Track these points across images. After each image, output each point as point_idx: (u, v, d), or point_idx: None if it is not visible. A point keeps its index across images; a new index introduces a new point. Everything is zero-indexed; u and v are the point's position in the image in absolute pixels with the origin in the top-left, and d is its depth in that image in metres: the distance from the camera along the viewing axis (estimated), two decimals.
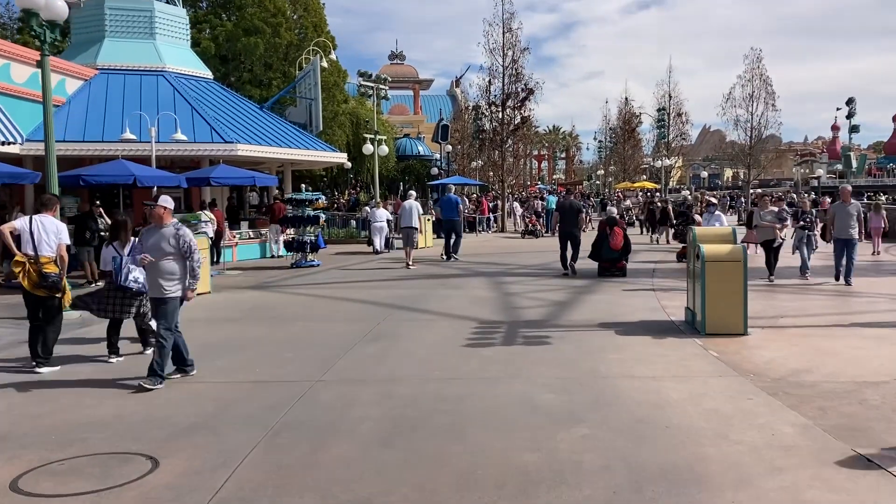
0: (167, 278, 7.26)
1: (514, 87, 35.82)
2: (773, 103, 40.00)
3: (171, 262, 7.28)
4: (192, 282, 7.37)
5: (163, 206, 7.39)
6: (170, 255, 7.25)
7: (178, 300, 7.38)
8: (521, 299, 12.68)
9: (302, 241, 18.83)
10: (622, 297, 12.86)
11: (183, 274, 7.32)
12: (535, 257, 20.71)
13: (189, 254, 7.29)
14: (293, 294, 14.02)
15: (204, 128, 20.30)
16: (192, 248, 7.31)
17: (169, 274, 7.26)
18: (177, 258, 7.30)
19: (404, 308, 11.84)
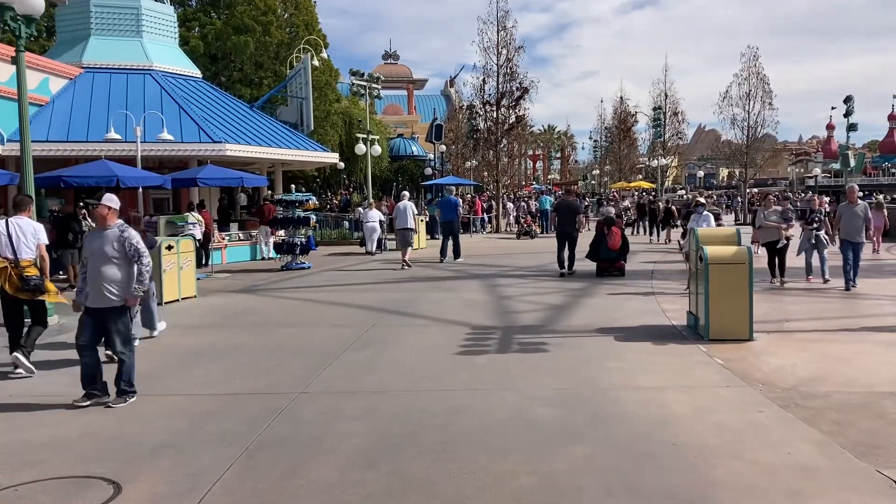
0: (113, 286, 6.60)
1: (509, 86, 35.48)
2: (770, 102, 39.60)
3: (116, 268, 6.61)
4: (137, 287, 6.68)
5: (106, 206, 6.68)
6: (114, 259, 6.60)
7: (127, 309, 6.76)
8: (516, 303, 12.27)
9: (292, 243, 18.39)
10: (621, 300, 12.46)
11: (129, 279, 6.69)
12: (531, 259, 20.32)
13: (136, 257, 6.66)
14: (281, 298, 13.59)
15: (192, 127, 19.85)
16: (140, 252, 6.68)
17: (114, 281, 6.61)
18: (122, 263, 6.65)
19: (395, 312, 11.42)
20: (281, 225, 18.71)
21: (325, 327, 10.39)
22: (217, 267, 19.03)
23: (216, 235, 20.52)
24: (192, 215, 18.58)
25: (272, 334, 9.97)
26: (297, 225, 18.52)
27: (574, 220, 16.14)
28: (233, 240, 21.22)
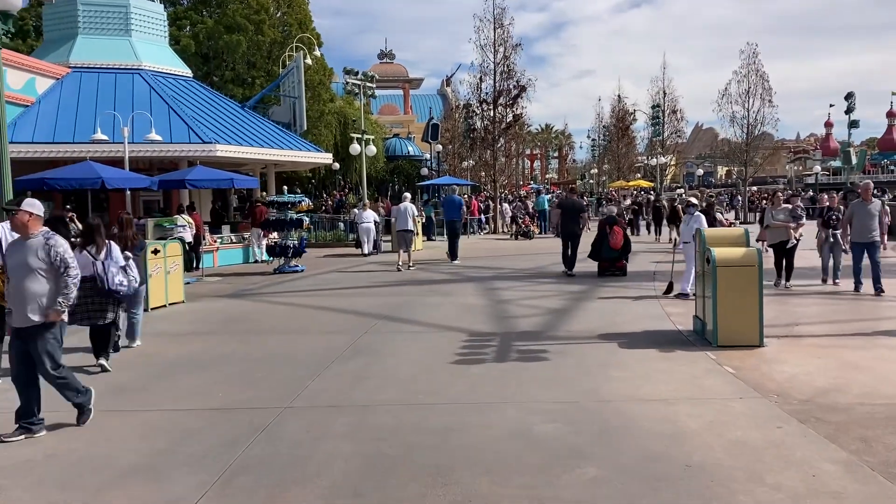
0: (38, 301, 5.80)
1: (506, 84, 35.04)
2: (770, 99, 39.26)
3: (42, 281, 5.83)
4: (61, 301, 5.85)
5: (27, 212, 5.85)
6: (40, 271, 5.83)
7: (59, 327, 5.98)
8: (514, 307, 11.84)
9: (284, 245, 17.96)
10: (623, 303, 12.05)
11: (57, 294, 5.87)
12: (529, 260, 19.91)
13: (64, 269, 5.86)
14: (272, 303, 13.15)
15: (181, 128, 19.41)
16: (68, 262, 5.88)
17: (40, 296, 5.80)
18: (49, 275, 5.86)
19: (389, 318, 10.99)
20: (273, 227, 18.27)
21: (316, 334, 9.96)
22: (208, 270, 18.60)
23: (208, 238, 20.09)
24: (182, 218, 18.16)
25: (260, 342, 9.54)
26: (290, 227, 18.08)
27: (577, 219, 16.15)
28: (225, 242, 20.77)
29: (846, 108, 35.83)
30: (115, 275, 7.91)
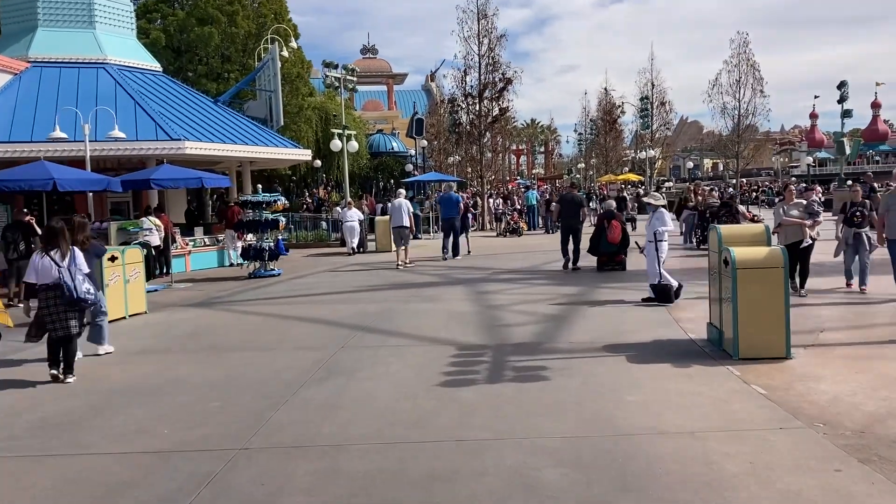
0: None
1: (492, 77, 33.97)
2: (762, 89, 38.48)
3: None
4: None
5: None
6: None
7: None
8: (507, 313, 10.80)
9: (260, 248, 16.84)
10: (625, 307, 11.04)
11: None
12: (520, 259, 18.89)
13: None
14: (242, 312, 12.04)
15: (148, 124, 18.24)
16: None
17: None
18: None
19: (369, 329, 9.92)
20: (247, 228, 17.15)
21: (287, 350, 8.88)
22: (180, 276, 17.47)
23: (179, 241, 18.96)
24: (149, 220, 17.05)
25: (223, 361, 8.45)
26: (265, 228, 16.96)
27: (578, 213, 16.10)
28: (197, 245, 19.63)
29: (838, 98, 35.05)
30: (81, 283, 7.55)
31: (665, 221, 11.49)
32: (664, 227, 11.42)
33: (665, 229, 11.43)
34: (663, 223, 11.43)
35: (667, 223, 11.54)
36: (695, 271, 15.01)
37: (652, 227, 11.43)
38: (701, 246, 20.03)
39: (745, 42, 38.42)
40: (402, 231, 18.05)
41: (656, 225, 11.42)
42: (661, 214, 11.50)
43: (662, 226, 11.40)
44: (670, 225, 11.72)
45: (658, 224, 11.41)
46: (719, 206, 19.30)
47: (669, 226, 11.65)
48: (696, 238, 20.49)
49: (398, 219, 18.18)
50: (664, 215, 11.53)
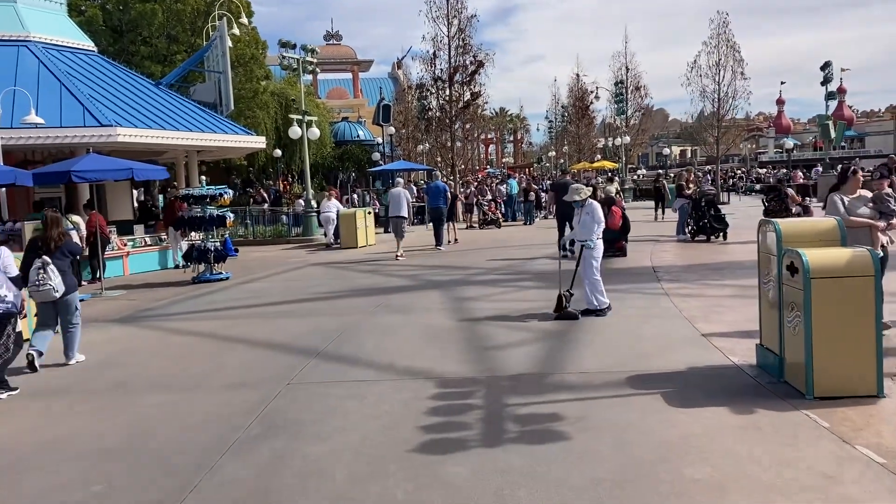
0: None
1: (462, 60, 31.96)
2: (743, 71, 36.82)
3: None
4: None
5: None
6: None
7: None
8: (495, 328, 8.83)
9: (204, 248, 14.68)
10: (637, 316, 9.15)
11: None
12: (501, 255, 16.94)
13: None
14: (171, 331, 9.91)
15: (76, 109, 15.93)
16: None
17: None
18: None
19: (324, 355, 7.90)
20: (189, 226, 14.95)
21: (215, 390, 6.82)
22: (114, 281, 15.26)
23: (115, 241, 16.70)
24: (72, 218, 14.80)
25: (129, 408, 6.38)
26: (210, 226, 14.80)
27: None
28: (137, 245, 17.38)
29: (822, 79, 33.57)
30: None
31: (597, 214, 9.40)
32: (600, 225, 9.40)
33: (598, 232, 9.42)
34: (595, 217, 9.34)
35: (598, 216, 9.43)
36: (698, 269, 13.21)
37: (586, 226, 9.31)
38: (695, 237, 18.32)
39: (724, 22, 36.72)
40: (399, 221, 17.48)
41: (591, 223, 9.32)
42: (593, 207, 9.45)
43: (596, 221, 9.33)
44: (600, 217, 9.53)
45: (588, 218, 9.33)
46: (766, 189, 17.65)
47: (600, 219, 9.51)
48: (689, 229, 18.74)
49: (396, 208, 17.57)
50: (595, 207, 9.46)
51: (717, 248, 16.84)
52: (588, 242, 9.28)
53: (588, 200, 9.48)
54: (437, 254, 18.19)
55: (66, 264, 7.88)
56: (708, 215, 18.12)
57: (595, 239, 9.32)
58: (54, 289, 7.51)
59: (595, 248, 9.31)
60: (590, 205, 9.41)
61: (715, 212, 18.22)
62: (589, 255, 9.28)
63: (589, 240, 9.27)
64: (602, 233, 9.56)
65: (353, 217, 20.91)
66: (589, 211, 9.36)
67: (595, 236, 9.32)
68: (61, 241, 7.84)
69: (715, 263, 13.87)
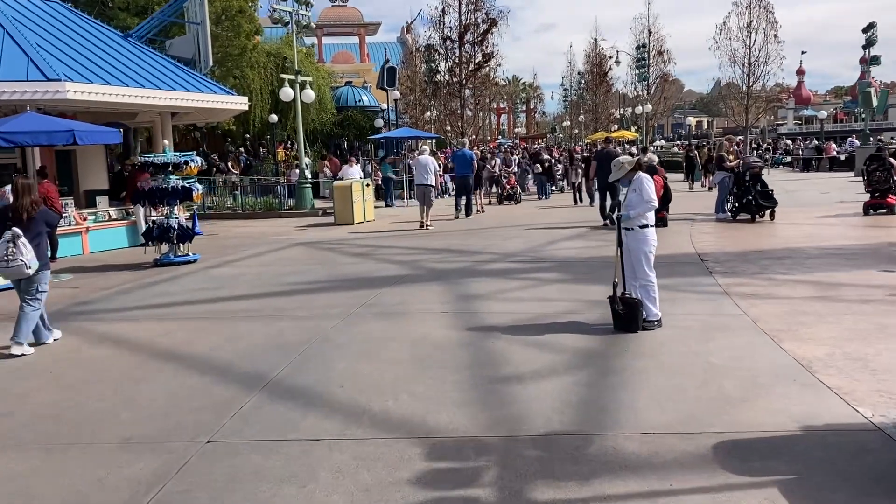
0: None
1: (474, 18, 29.46)
2: (776, 34, 34.14)
3: None
4: None
5: None
6: None
7: None
8: (511, 346, 6.59)
9: (166, 226, 12.48)
10: (696, 326, 6.91)
11: None
12: (519, 237, 14.65)
13: None
14: (94, 338, 7.67)
15: (19, 60, 13.64)
16: None
17: None
18: None
19: (274, 387, 5.69)
20: (149, 199, 12.72)
21: (97, 451, 4.63)
22: (69, 262, 13.17)
23: (72, 215, 14.54)
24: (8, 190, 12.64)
25: None
26: (173, 199, 12.57)
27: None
28: (100, 220, 15.20)
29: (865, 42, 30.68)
30: None
31: (650, 195, 7.08)
32: (651, 204, 7.07)
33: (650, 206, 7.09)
34: (644, 190, 7.04)
35: (651, 197, 7.11)
36: (755, 258, 10.91)
37: (631, 207, 7.03)
38: (737, 216, 15.99)
39: None
40: (426, 190, 16.90)
41: (637, 203, 7.01)
42: (641, 184, 7.12)
43: (647, 203, 7.02)
44: (654, 200, 7.19)
45: (642, 197, 7.01)
46: (869, 159, 15.43)
47: (654, 201, 7.17)
48: (730, 206, 16.39)
49: (422, 177, 17.01)
50: (645, 185, 7.12)
51: (767, 230, 14.51)
52: (634, 227, 6.99)
53: (636, 174, 7.16)
54: (441, 231, 15.95)
55: (40, 237, 7.14)
56: (753, 191, 15.76)
57: (644, 222, 7.02)
58: (26, 265, 6.73)
59: (646, 237, 7.02)
60: (638, 179, 7.08)
61: (762, 187, 15.86)
62: (639, 245, 7.00)
63: (636, 224, 6.98)
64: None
65: (349, 190, 18.65)
66: (637, 186, 7.03)
67: (644, 220, 7.02)
68: (35, 211, 7.10)
69: (772, 251, 11.57)
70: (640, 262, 7.01)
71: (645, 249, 7.01)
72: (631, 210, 6.92)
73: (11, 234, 6.72)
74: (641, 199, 6.94)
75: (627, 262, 7.06)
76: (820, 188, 24.35)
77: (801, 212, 17.07)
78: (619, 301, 6.84)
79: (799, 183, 27.60)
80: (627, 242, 7.04)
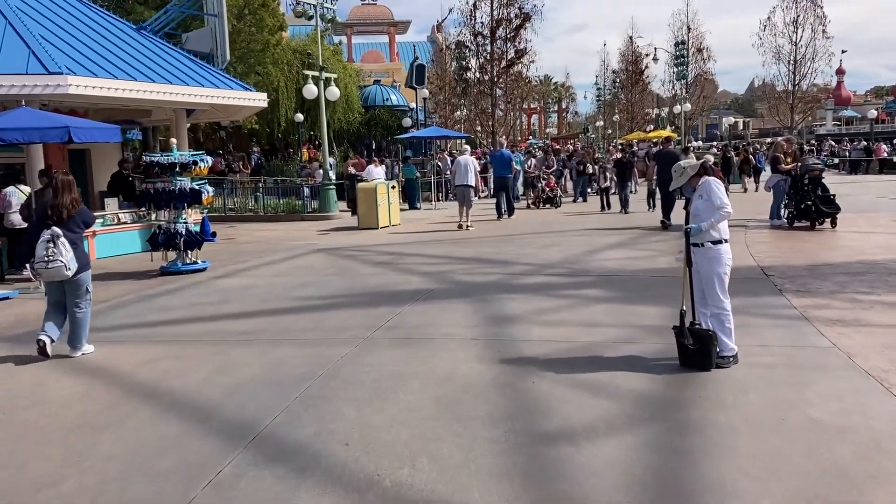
0: None
1: (506, 12, 28.24)
2: (825, 29, 32.42)
3: None
4: None
5: None
6: None
7: None
8: (555, 391, 5.39)
9: (172, 232, 11.49)
10: (781, 364, 5.66)
11: None
12: (556, 245, 13.42)
13: None
14: (66, 368, 6.65)
15: (20, 52, 12.74)
16: None
17: None
18: None
19: (262, 444, 4.58)
20: (154, 202, 11.74)
21: None
22: None
23: None
24: (18, 190, 11.86)
25: None
26: (181, 202, 11.57)
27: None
28: (107, 224, 14.29)
29: None
30: None
31: (722, 199, 5.81)
32: (724, 210, 5.81)
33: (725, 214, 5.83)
34: (715, 195, 5.79)
35: (721, 196, 5.85)
36: (827, 272, 9.57)
37: (698, 217, 5.77)
38: (794, 223, 14.60)
39: None
40: (466, 190, 16.98)
41: (706, 212, 5.77)
42: (710, 190, 5.86)
43: (719, 211, 5.77)
44: (727, 205, 5.91)
45: (709, 208, 5.76)
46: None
47: (727, 206, 5.90)
48: (786, 212, 15.02)
49: (463, 177, 17.13)
50: (715, 191, 5.87)
51: (831, 239, 13.15)
52: (704, 242, 5.77)
53: (702, 178, 5.92)
54: (474, 238, 14.80)
55: (79, 237, 6.86)
56: (813, 196, 14.37)
57: (717, 235, 5.79)
58: (66, 266, 6.48)
59: (720, 254, 5.80)
60: (705, 184, 5.84)
61: (822, 191, 14.46)
62: (710, 264, 5.78)
63: (706, 238, 5.76)
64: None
65: (374, 192, 17.56)
66: (704, 192, 5.80)
67: (716, 232, 5.79)
68: (74, 210, 6.86)
69: (846, 264, 10.22)
70: (713, 286, 5.78)
71: (718, 270, 5.78)
72: (702, 221, 5.69)
73: (51, 234, 6.51)
74: (711, 205, 5.72)
75: (696, 285, 5.84)
76: (874, 192, 22.77)
77: (862, 218, 15.63)
78: (689, 334, 5.61)
79: (850, 186, 25.96)
80: (696, 261, 5.82)
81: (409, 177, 23.16)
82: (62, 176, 7.10)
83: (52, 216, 6.75)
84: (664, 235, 14.31)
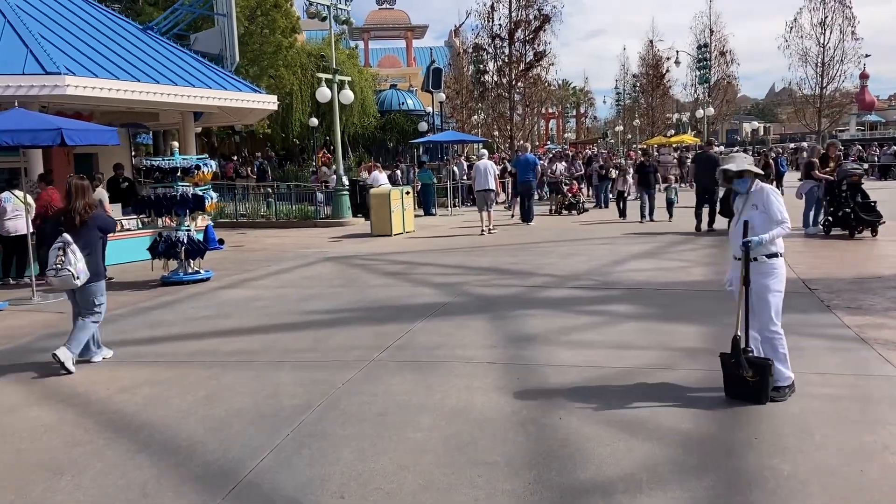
0: None
1: (525, 14, 27.54)
2: (853, 30, 31.48)
3: None
4: None
5: None
6: None
7: None
8: (585, 430, 4.67)
9: (172, 240, 10.88)
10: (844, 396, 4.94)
11: None
12: (579, 254, 12.69)
13: None
14: (43, 395, 6.00)
15: (17, 51, 12.21)
16: None
17: None
18: None
19: (245, 493, 3.90)
20: (154, 209, 11.15)
21: None
22: None
23: None
24: (15, 195, 11.31)
25: None
26: (182, 209, 10.97)
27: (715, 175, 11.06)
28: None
29: None
30: None
31: (782, 213, 5.07)
32: (786, 225, 5.10)
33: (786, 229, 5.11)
34: (776, 220, 5.05)
35: (785, 216, 5.10)
36: (876, 286, 8.77)
37: (756, 229, 5.00)
38: (831, 231, 13.78)
39: None
40: (486, 195, 16.82)
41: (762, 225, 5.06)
42: (766, 199, 5.12)
43: (778, 224, 5.04)
44: (788, 219, 5.19)
45: (766, 223, 5.04)
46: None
47: (788, 221, 5.18)
48: (823, 220, 14.21)
49: (483, 182, 16.99)
50: (773, 200, 5.13)
51: (873, 249, 12.34)
52: (759, 256, 5.04)
53: (756, 184, 5.20)
54: (490, 246, 14.09)
55: (94, 244, 6.64)
56: (853, 203, 13.56)
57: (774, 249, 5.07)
58: (73, 275, 6.26)
59: (776, 270, 5.07)
60: (760, 192, 5.10)
61: (862, 198, 13.65)
62: (766, 281, 5.05)
63: (762, 252, 5.03)
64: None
65: (387, 198, 16.90)
66: (759, 201, 5.06)
67: (774, 246, 5.06)
68: (88, 216, 6.62)
69: (895, 277, 9.43)
70: (766, 306, 5.06)
71: (773, 288, 5.06)
72: (762, 234, 4.95)
73: (62, 242, 6.35)
74: (769, 218, 4.98)
75: (751, 302, 5.11)
76: None
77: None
78: (748, 364, 4.87)
79: (883, 192, 24.91)
80: (752, 278, 5.08)
81: (426, 182, 22.48)
82: (76, 180, 6.86)
83: (65, 222, 6.56)
84: (694, 244, 13.54)
